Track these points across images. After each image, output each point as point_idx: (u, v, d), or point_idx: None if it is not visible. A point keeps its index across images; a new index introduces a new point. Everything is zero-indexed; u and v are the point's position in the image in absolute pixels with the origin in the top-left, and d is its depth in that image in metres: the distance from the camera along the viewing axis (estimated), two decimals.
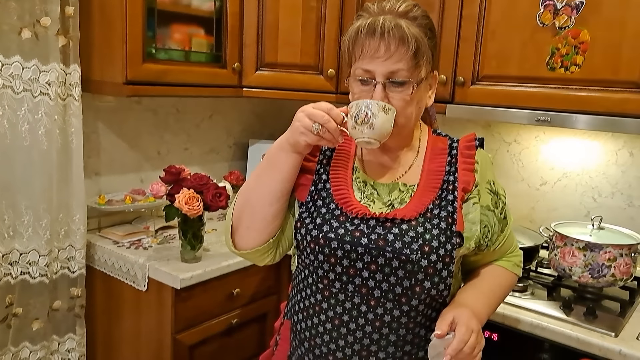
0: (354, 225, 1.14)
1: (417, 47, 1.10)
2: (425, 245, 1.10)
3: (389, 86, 1.12)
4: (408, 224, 1.13)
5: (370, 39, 1.11)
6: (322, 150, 1.26)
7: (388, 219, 1.13)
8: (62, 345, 2.06)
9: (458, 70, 1.94)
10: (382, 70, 1.11)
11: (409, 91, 1.12)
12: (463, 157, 1.22)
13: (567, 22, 1.70)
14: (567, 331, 1.55)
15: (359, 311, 1.13)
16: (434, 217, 1.14)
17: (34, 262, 1.93)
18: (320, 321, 1.17)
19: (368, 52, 1.11)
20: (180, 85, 2.02)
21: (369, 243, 1.11)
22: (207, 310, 1.95)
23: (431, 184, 1.19)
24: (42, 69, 1.83)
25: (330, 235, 1.13)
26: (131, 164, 2.33)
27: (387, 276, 1.11)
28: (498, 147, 2.30)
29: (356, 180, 1.23)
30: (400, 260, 1.10)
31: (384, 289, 1.11)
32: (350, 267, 1.12)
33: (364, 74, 1.13)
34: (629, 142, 2.01)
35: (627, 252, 1.68)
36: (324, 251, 1.13)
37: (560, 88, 1.75)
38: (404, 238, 1.11)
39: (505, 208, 1.29)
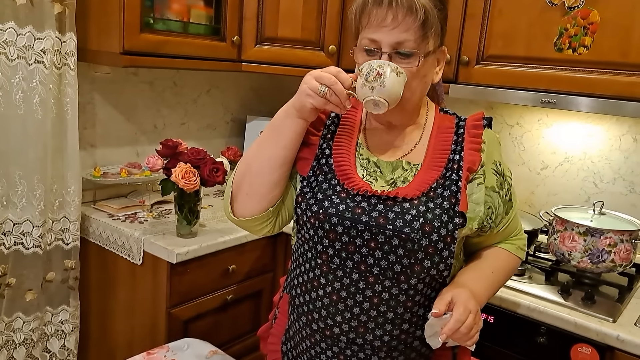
0: (355, 202, 1.12)
1: (425, 17, 1.07)
2: (426, 224, 1.09)
3: (394, 57, 1.09)
4: (410, 202, 1.11)
5: (377, 7, 1.08)
6: (327, 125, 1.23)
7: (390, 197, 1.11)
8: (56, 317, 2.05)
9: (463, 49, 1.91)
10: (389, 40, 1.08)
11: (415, 63, 1.09)
12: (470, 136, 1.19)
13: (577, 1, 1.66)
14: (564, 315, 1.54)
15: (357, 288, 1.11)
16: (437, 197, 1.12)
17: (27, 233, 1.90)
18: (318, 296, 1.16)
19: (375, 20, 1.08)
20: (177, 57, 1.98)
21: (370, 220, 1.10)
22: (202, 286, 1.93)
23: (436, 163, 1.17)
24: (37, 36, 1.79)
25: (330, 211, 1.12)
26: (127, 136, 2.29)
27: (387, 254, 1.09)
28: (500, 130, 2.27)
29: (359, 156, 1.20)
30: (401, 238, 1.08)
31: (383, 267, 1.10)
32: (350, 243, 1.11)
33: (370, 44, 1.11)
34: (634, 127, 1.98)
35: (627, 238, 1.66)
36: (324, 226, 1.12)
37: (567, 70, 1.72)
38: (405, 216, 1.09)
39: (512, 190, 1.26)
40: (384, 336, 1.13)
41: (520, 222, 1.36)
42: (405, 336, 1.14)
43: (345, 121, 1.24)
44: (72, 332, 2.08)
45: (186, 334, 1.89)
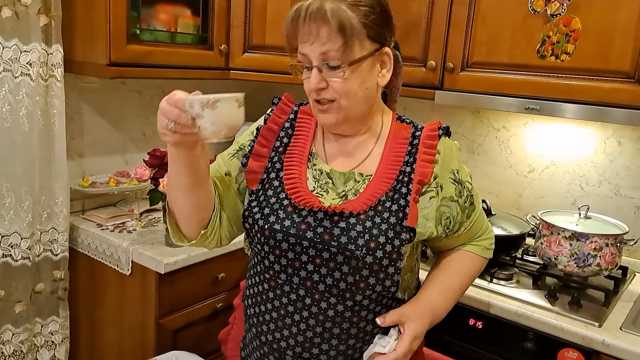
0: (301, 217, 1.10)
1: (340, 25, 1.05)
2: (371, 240, 1.07)
3: (325, 69, 1.08)
4: (357, 217, 1.09)
5: (298, 24, 1.08)
6: (279, 137, 1.22)
7: (336, 212, 1.09)
8: (45, 328, 2.05)
9: (448, 56, 1.92)
10: (314, 54, 1.07)
11: (345, 71, 1.07)
12: (424, 147, 1.17)
13: (559, 9, 1.68)
14: (551, 320, 1.55)
15: (303, 303, 1.11)
16: (385, 210, 1.10)
17: (16, 245, 1.90)
18: (267, 309, 1.16)
19: (300, 37, 1.08)
20: (165, 67, 1.98)
21: (314, 237, 1.08)
22: (191, 295, 1.93)
23: (387, 175, 1.15)
24: (23, 49, 1.79)
25: (275, 227, 1.11)
26: (116, 145, 2.29)
27: (332, 271, 1.08)
28: (486, 134, 2.29)
29: (312, 167, 1.19)
30: (345, 255, 1.07)
31: (328, 284, 1.09)
32: (296, 259, 1.10)
33: (302, 59, 1.10)
34: (618, 131, 2.00)
35: (612, 242, 1.68)
36: (270, 242, 1.11)
37: (550, 76, 1.73)
38: (350, 233, 1.07)
39: (472, 193, 1.24)
40: (330, 351, 1.13)
41: (486, 221, 1.34)
42: (352, 351, 1.14)
43: (299, 131, 1.23)
44: (62, 342, 2.07)
45: (176, 344, 1.90)
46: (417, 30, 1.96)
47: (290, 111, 1.27)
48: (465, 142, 2.33)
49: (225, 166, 1.25)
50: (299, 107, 1.28)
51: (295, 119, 1.26)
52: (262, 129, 1.24)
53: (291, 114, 1.26)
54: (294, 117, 1.26)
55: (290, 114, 1.26)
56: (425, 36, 1.96)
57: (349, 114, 1.13)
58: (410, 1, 1.96)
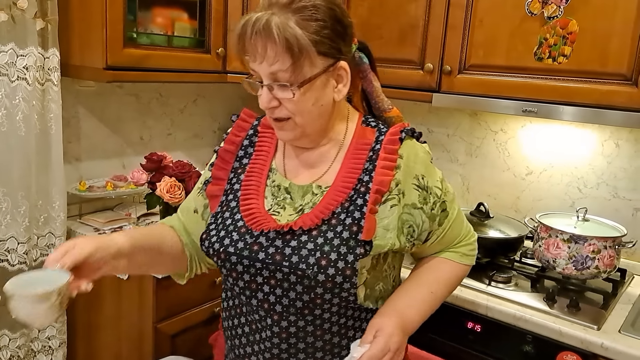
0: (253, 237, 1.08)
1: (287, 46, 0.98)
2: (322, 258, 1.02)
3: (275, 88, 1.03)
4: (308, 234, 1.05)
5: (245, 40, 1.01)
6: (238, 157, 1.19)
7: (288, 230, 1.06)
8: (42, 333, 2.04)
9: (445, 59, 1.92)
10: (264, 72, 1.02)
11: (295, 89, 1.02)
12: (384, 152, 1.10)
13: (556, 11, 1.68)
14: (550, 324, 1.55)
15: (265, 323, 1.09)
16: (338, 224, 1.05)
17: (12, 250, 1.89)
18: (239, 323, 1.15)
19: (249, 52, 1.03)
20: (162, 71, 1.98)
21: (266, 258, 1.05)
22: (189, 299, 1.93)
23: (344, 185, 1.09)
24: (19, 53, 1.78)
25: (229, 250, 1.08)
26: (113, 149, 2.28)
27: (287, 291, 1.05)
28: (484, 136, 2.28)
29: (271, 184, 1.15)
30: (297, 275, 1.03)
31: (285, 304, 1.06)
32: (252, 281, 1.08)
33: (254, 74, 1.05)
34: (615, 133, 2.00)
35: (611, 245, 1.68)
36: (226, 265, 1.09)
37: (547, 79, 1.73)
38: (301, 251, 1.03)
39: (445, 198, 1.17)
40: None
41: (466, 226, 1.28)
42: None
43: (260, 147, 1.20)
44: (59, 347, 2.06)
45: (173, 349, 1.89)
46: (415, 32, 1.96)
47: (249, 127, 1.22)
48: (463, 145, 2.33)
49: (193, 203, 1.24)
50: (259, 120, 1.23)
51: (255, 134, 1.21)
52: (220, 151, 1.21)
53: (250, 130, 1.22)
54: (253, 132, 1.22)
55: (249, 130, 1.22)
56: (422, 39, 1.96)
57: (305, 130, 1.09)
58: (407, 4, 1.96)
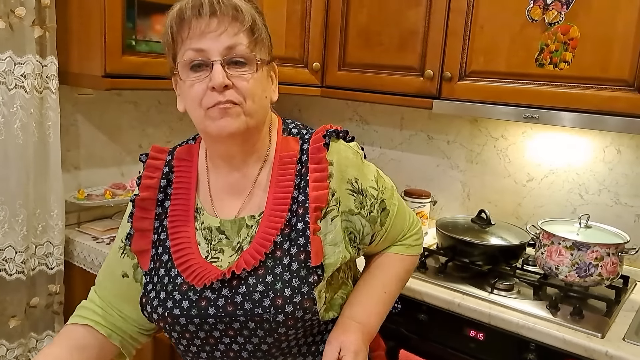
0: (197, 293, 0.99)
1: (253, 22, 0.97)
2: (277, 297, 0.95)
3: (228, 67, 0.95)
4: (255, 274, 0.97)
5: (197, 17, 0.94)
6: (159, 201, 1.08)
7: (233, 276, 0.97)
8: (40, 343, 2.02)
9: (445, 66, 1.91)
10: (218, 46, 0.94)
11: (253, 68, 0.96)
12: (313, 163, 1.02)
13: (557, 17, 1.67)
14: (553, 332, 1.53)
15: None
16: (284, 256, 0.98)
17: (10, 259, 1.87)
18: None
19: (197, 29, 0.94)
20: (161, 78, 1.96)
21: (217, 312, 0.97)
22: None
23: (277, 209, 1.01)
24: (17, 61, 1.77)
25: (175, 312, 0.99)
26: (111, 157, 2.27)
27: (248, 338, 0.99)
28: (485, 143, 2.28)
29: (200, 227, 1.06)
30: (255, 321, 0.96)
31: (250, 350, 1.01)
32: (209, 337, 1.00)
33: (195, 55, 0.95)
34: (617, 139, 1.99)
35: (614, 252, 1.67)
36: (176, 328, 1.01)
37: (548, 85, 1.72)
38: (252, 296, 0.96)
39: (383, 197, 1.10)
40: None
41: (409, 217, 1.21)
42: None
43: (178, 185, 1.09)
44: None
45: (172, 358, 1.87)
46: (415, 39, 1.96)
47: (162, 164, 1.11)
48: (464, 152, 2.32)
49: (119, 267, 1.12)
50: (172, 154, 1.13)
51: (171, 171, 1.11)
52: (137, 200, 1.08)
53: (165, 167, 1.11)
54: (168, 170, 1.11)
55: (164, 168, 1.11)
56: (422, 45, 1.95)
57: (250, 122, 0.98)
58: (407, 10, 1.95)
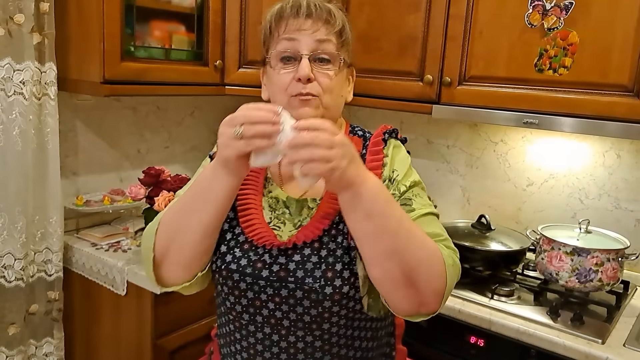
0: (257, 254, 1.05)
1: (342, 26, 1.08)
2: (328, 270, 1.01)
3: (314, 63, 1.06)
4: (311, 247, 1.04)
5: (295, 17, 1.05)
6: None
7: (289, 246, 1.04)
8: (40, 350, 2.01)
9: (445, 71, 1.91)
10: (309, 41, 1.05)
11: (336, 67, 1.07)
12: (370, 155, 1.12)
13: (556, 23, 1.67)
14: (554, 338, 1.53)
15: (271, 341, 1.07)
16: (338, 234, 1.05)
17: (9, 266, 1.87)
18: (237, 349, 1.11)
19: (293, 26, 1.06)
20: (160, 84, 1.96)
21: (270, 275, 1.03)
22: (188, 315, 1.90)
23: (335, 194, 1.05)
24: (16, 68, 1.77)
25: (232, 267, 1.05)
26: (110, 163, 2.27)
27: (293, 307, 1.03)
28: (485, 147, 2.27)
29: (268, 194, 1.13)
30: (304, 290, 1.01)
31: (292, 319, 1.04)
32: (256, 299, 1.04)
33: (287, 45, 1.06)
34: (616, 144, 1.99)
35: (614, 257, 1.66)
36: (228, 283, 1.06)
37: (548, 90, 1.72)
38: (306, 265, 1.02)
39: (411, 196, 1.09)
40: None
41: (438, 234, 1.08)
42: None
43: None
44: None
45: None
46: (414, 44, 1.96)
47: None
48: (463, 156, 2.32)
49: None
50: None
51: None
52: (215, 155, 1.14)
53: None
54: None
55: None
56: (421, 50, 1.95)
57: (326, 114, 1.07)
58: (407, 15, 1.95)
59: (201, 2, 2.06)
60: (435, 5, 1.90)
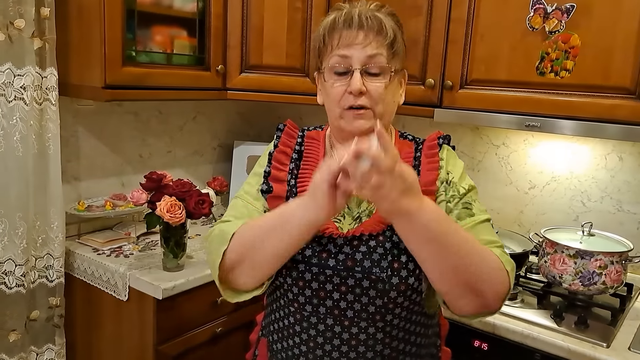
0: (321, 245, 1.09)
1: (394, 37, 1.11)
2: (394, 261, 1.06)
3: (365, 76, 1.10)
4: (376, 239, 1.08)
5: (347, 28, 1.09)
6: (293, 159, 1.22)
7: (355, 236, 1.08)
8: (41, 356, 2.00)
9: (446, 74, 1.91)
10: (360, 56, 1.09)
11: (386, 79, 1.10)
12: (426, 157, 1.17)
13: (558, 26, 1.67)
14: (558, 341, 1.52)
15: (333, 332, 1.09)
16: None
17: (10, 272, 1.86)
18: (295, 343, 1.13)
19: (345, 40, 1.09)
20: (162, 89, 1.96)
21: (337, 264, 1.07)
22: (190, 320, 1.89)
23: None
24: (17, 73, 1.76)
25: (297, 257, 1.08)
26: (112, 168, 2.26)
27: (359, 297, 1.06)
28: (486, 150, 2.27)
29: None
30: (371, 279, 1.05)
31: (357, 309, 1.07)
32: (320, 289, 1.08)
33: (340, 61, 1.10)
34: (618, 147, 1.99)
35: (617, 260, 1.66)
36: (292, 274, 1.09)
37: (550, 93, 1.72)
38: (372, 256, 1.06)
39: (469, 200, 1.14)
40: None
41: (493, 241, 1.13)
42: None
43: (308, 155, 1.22)
44: None
45: None
46: (416, 48, 1.95)
47: (296, 136, 1.27)
48: (465, 159, 2.31)
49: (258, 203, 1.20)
50: (304, 132, 1.28)
51: (302, 144, 1.26)
52: (275, 153, 1.23)
53: (298, 138, 1.26)
54: (300, 141, 1.26)
55: (297, 139, 1.26)
56: (423, 54, 1.95)
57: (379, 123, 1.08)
58: (408, 19, 1.95)
59: (203, 6, 2.06)
60: (437, 9, 1.90)
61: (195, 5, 2.04)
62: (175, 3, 1.99)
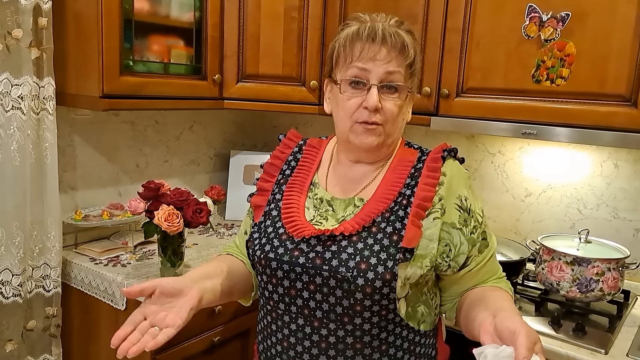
0: (294, 244, 1.12)
1: (414, 57, 1.12)
2: (362, 262, 1.05)
3: (382, 91, 1.11)
4: (348, 239, 1.09)
5: (371, 43, 1.10)
6: (282, 170, 1.26)
7: (330, 235, 1.10)
8: None
9: (442, 83, 1.92)
10: (379, 71, 1.10)
11: (403, 96, 1.12)
12: (427, 170, 1.15)
13: (553, 34, 1.69)
14: (556, 348, 1.52)
15: (304, 333, 1.10)
16: (379, 232, 1.09)
17: (6, 282, 1.85)
18: (272, 343, 1.16)
19: (367, 54, 1.10)
20: (159, 98, 1.96)
21: (306, 262, 1.09)
22: (187, 329, 1.86)
23: (384, 196, 1.14)
24: (14, 83, 1.76)
25: (270, 255, 1.12)
26: (109, 177, 2.26)
27: (326, 296, 1.07)
28: (482, 158, 2.28)
29: (313, 197, 1.20)
30: (337, 279, 1.06)
31: (325, 310, 1.08)
32: (291, 287, 1.11)
33: (359, 73, 1.11)
34: (614, 154, 2.00)
35: (614, 267, 1.66)
36: (266, 272, 1.13)
37: (546, 101, 1.73)
38: (341, 255, 1.07)
39: (484, 228, 1.17)
40: None
41: (499, 266, 1.24)
42: None
43: (303, 162, 1.26)
44: None
45: None
46: None
47: (295, 145, 1.30)
48: None
49: (244, 227, 1.34)
50: (305, 140, 1.32)
51: (300, 151, 1.29)
52: (265, 165, 1.29)
53: (295, 148, 1.30)
54: (298, 150, 1.30)
55: (294, 148, 1.30)
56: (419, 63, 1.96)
57: (387, 140, 1.15)
58: None
59: (200, 16, 2.07)
60: (432, 17, 1.91)
61: (192, 15, 2.05)
62: (172, 13, 2.00)
